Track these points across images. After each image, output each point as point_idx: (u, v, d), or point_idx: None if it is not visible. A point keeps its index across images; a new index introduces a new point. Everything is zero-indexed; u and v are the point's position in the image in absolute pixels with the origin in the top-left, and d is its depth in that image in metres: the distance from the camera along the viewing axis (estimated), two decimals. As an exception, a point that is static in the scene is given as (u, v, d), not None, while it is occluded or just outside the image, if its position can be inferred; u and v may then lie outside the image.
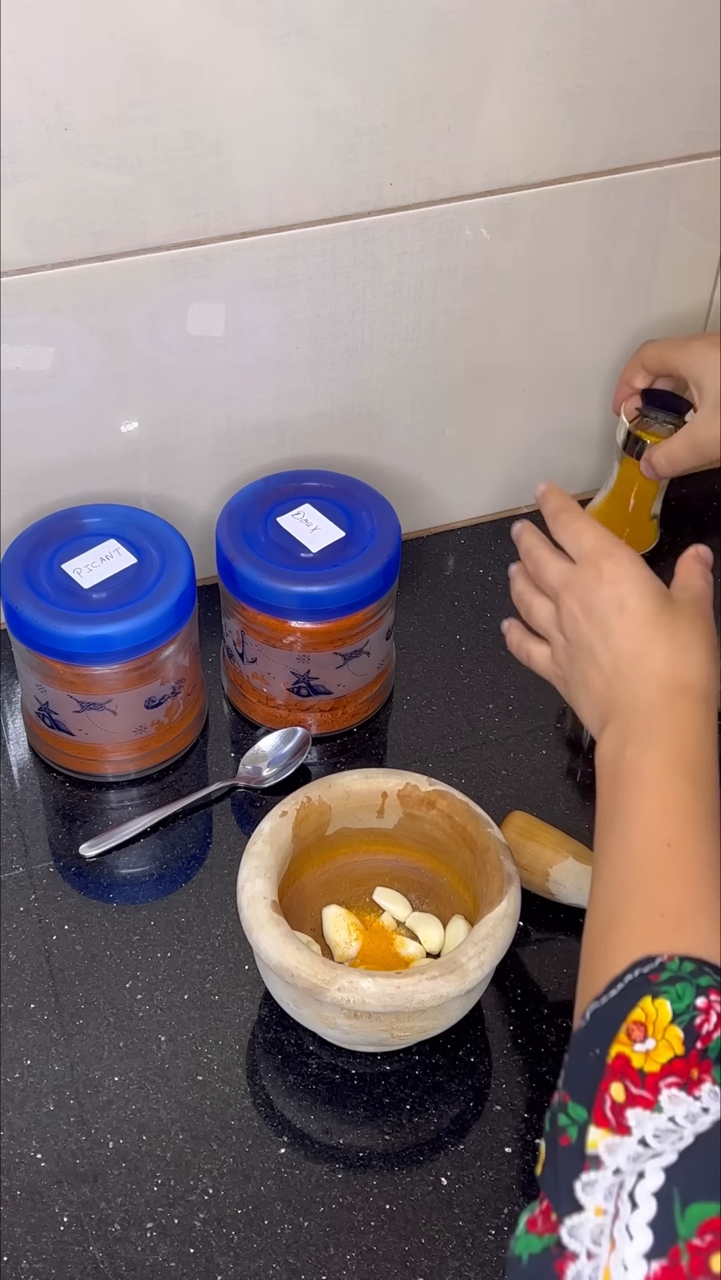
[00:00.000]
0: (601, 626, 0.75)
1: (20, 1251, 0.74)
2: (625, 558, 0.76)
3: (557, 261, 1.03)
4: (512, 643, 0.84)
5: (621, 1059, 0.58)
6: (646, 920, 0.63)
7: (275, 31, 0.84)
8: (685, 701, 0.71)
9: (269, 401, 1.02)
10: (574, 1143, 0.56)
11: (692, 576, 0.78)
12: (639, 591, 0.74)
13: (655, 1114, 0.55)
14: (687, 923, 0.62)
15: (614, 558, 0.76)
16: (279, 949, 0.75)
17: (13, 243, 0.87)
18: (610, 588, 0.75)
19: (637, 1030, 0.58)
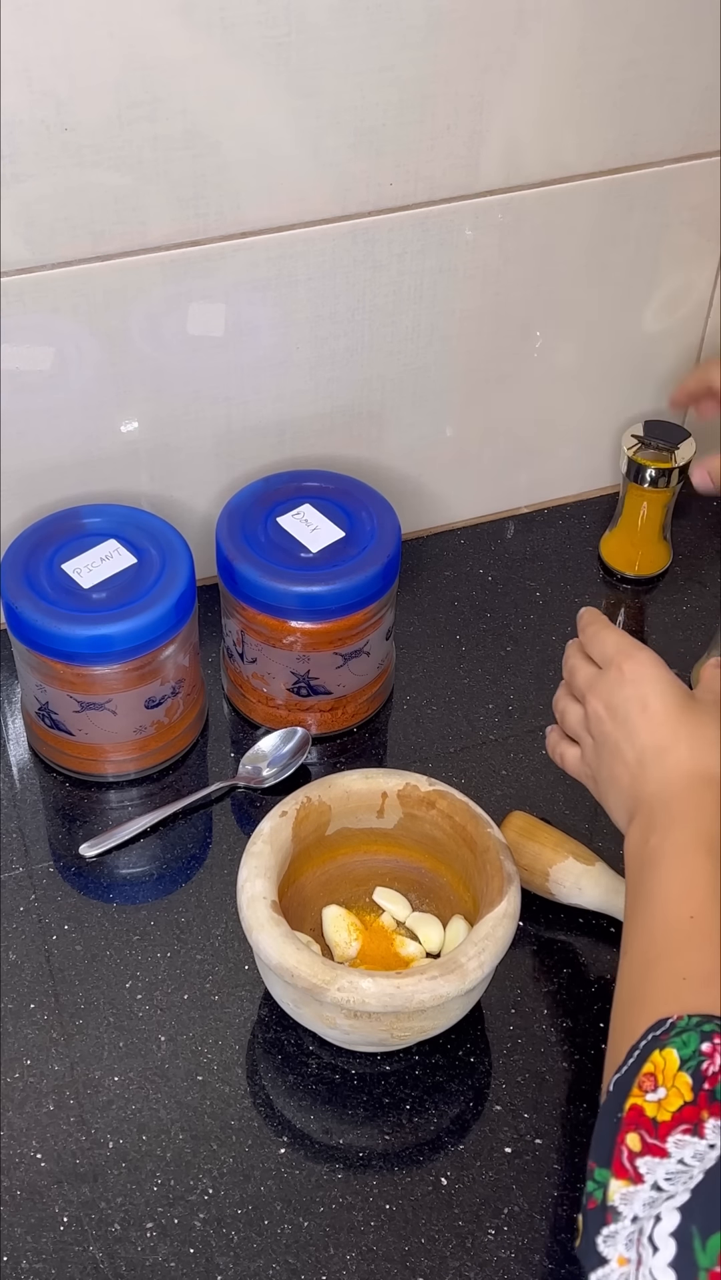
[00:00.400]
0: (625, 725, 0.77)
1: (20, 1251, 0.74)
2: (645, 660, 0.78)
3: (557, 261, 1.03)
4: (550, 745, 0.86)
5: (635, 1110, 0.59)
6: (669, 986, 0.65)
7: (275, 31, 0.84)
8: (707, 789, 0.73)
9: (269, 401, 1.02)
10: (599, 1202, 0.58)
11: (715, 682, 0.80)
12: (660, 690, 0.77)
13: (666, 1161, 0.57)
14: (711, 985, 0.63)
15: (634, 659, 0.78)
16: (279, 949, 0.75)
17: (13, 243, 0.87)
18: (632, 687, 0.77)
19: (648, 1081, 0.60)
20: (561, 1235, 0.75)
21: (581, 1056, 0.82)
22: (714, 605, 1.10)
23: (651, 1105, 0.59)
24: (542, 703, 1.02)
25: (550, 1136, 0.78)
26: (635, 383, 1.14)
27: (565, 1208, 0.75)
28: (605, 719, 0.78)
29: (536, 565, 1.14)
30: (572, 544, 1.16)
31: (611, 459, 1.17)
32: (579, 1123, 0.79)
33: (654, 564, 1.12)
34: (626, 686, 0.78)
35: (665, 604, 1.11)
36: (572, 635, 1.07)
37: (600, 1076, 0.81)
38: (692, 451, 1.07)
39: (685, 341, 1.13)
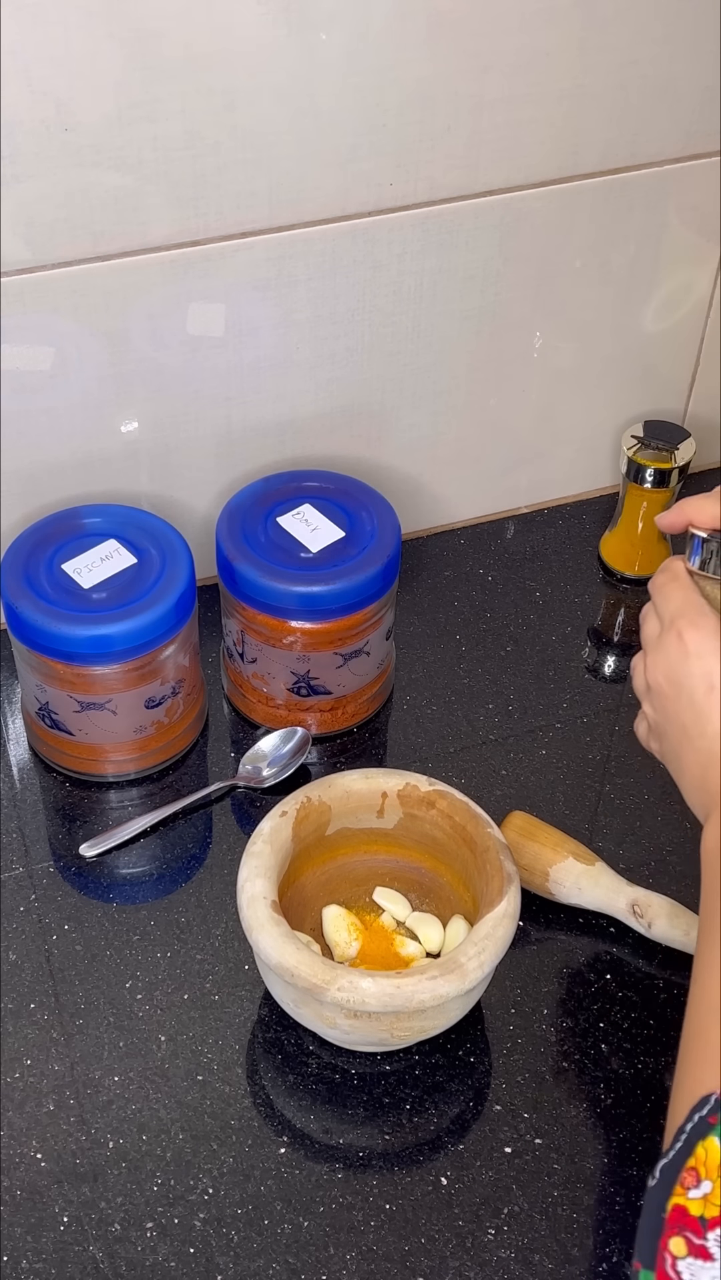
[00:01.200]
0: (692, 706, 0.71)
1: (20, 1251, 0.74)
2: (708, 629, 0.72)
3: (557, 261, 1.03)
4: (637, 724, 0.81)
5: (678, 1210, 0.56)
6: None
7: (275, 32, 0.84)
8: None
9: (269, 401, 1.02)
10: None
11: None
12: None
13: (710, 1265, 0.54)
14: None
15: (697, 628, 0.72)
16: (279, 949, 0.75)
17: (13, 243, 0.87)
18: (696, 662, 0.71)
19: (690, 1176, 0.56)
20: (561, 1235, 0.75)
21: (581, 1056, 0.82)
22: (714, 605, 1.10)
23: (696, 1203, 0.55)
24: (542, 702, 1.02)
25: (550, 1136, 0.78)
26: (635, 383, 1.14)
27: (565, 1208, 0.75)
28: (669, 695, 0.73)
29: (536, 565, 1.14)
30: (572, 544, 1.16)
31: (611, 459, 1.17)
32: (579, 1123, 0.79)
33: (654, 564, 1.12)
34: (690, 660, 0.71)
35: (665, 604, 1.11)
36: (573, 635, 1.07)
37: (600, 1076, 0.81)
38: (693, 451, 1.07)
39: (685, 341, 1.13)
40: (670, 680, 0.73)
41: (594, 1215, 0.75)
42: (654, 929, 0.86)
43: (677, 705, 0.72)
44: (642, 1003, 0.85)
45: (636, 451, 1.07)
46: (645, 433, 1.08)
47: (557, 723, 1.01)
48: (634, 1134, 0.79)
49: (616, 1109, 0.79)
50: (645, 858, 0.93)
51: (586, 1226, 0.75)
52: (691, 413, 1.18)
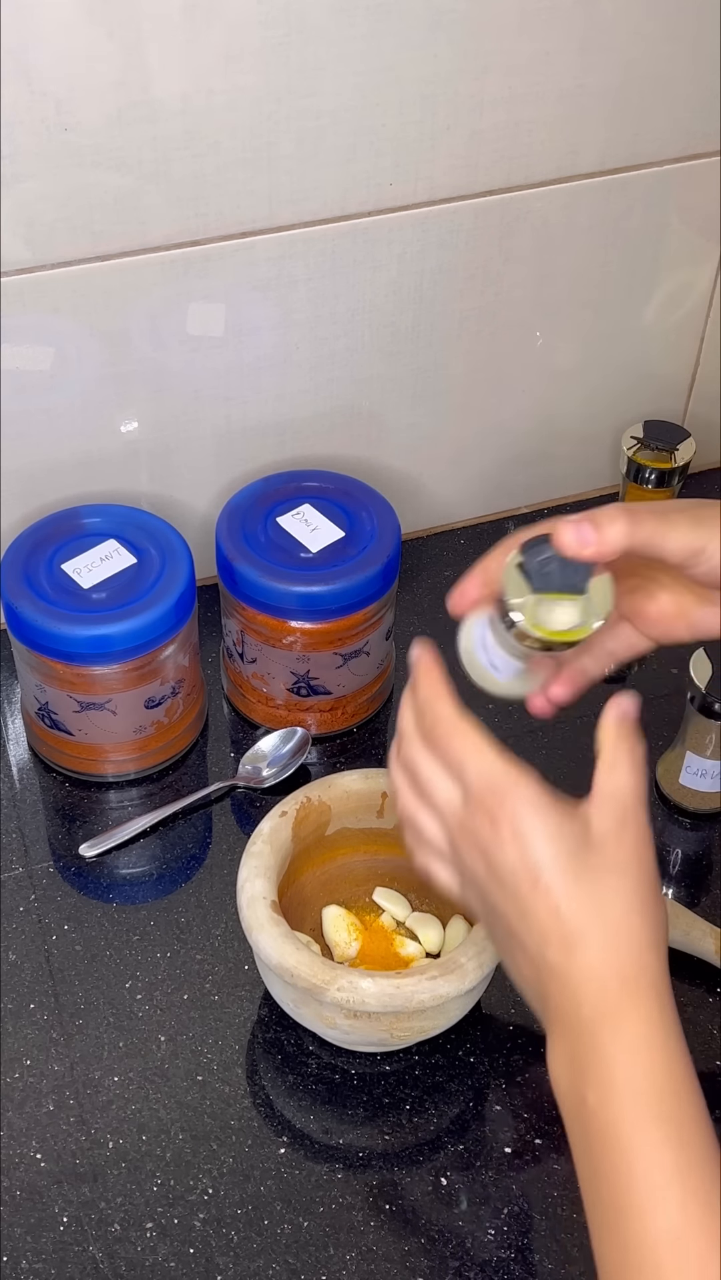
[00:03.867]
0: (515, 900, 0.61)
1: (20, 1251, 0.74)
2: (523, 803, 0.61)
3: (557, 261, 1.03)
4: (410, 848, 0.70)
5: None
6: None
7: (275, 31, 0.84)
8: (635, 1009, 0.58)
9: (269, 401, 1.02)
10: None
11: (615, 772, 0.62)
12: (552, 853, 0.60)
13: None
14: None
15: (509, 806, 0.61)
16: (279, 949, 0.75)
17: (13, 243, 0.87)
18: (515, 850, 0.60)
19: None
20: (561, 1235, 0.75)
21: (581, 1056, 0.82)
22: (714, 605, 1.10)
23: None
24: (542, 703, 1.02)
25: (550, 1136, 0.78)
26: (635, 383, 1.14)
27: (565, 1208, 0.75)
28: (488, 882, 0.62)
29: (536, 565, 1.13)
30: (572, 544, 1.15)
31: (611, 459, 1.17)
32: (579, 1123, 0.79)
33: None
34: (506, 847, 0.61)
35: (665, 604, 1.11)
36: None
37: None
38: (693, 451, 1.07)
39: (685, 341, 1.13)
40: (489, 866, 0.62)
41: (594, 1215, 0.75)
42: (654, 929, 0.86)
43: (501, 896, 0.62)
44: (642, 1003, 0.85)
45: (636, 451, 1.07)
46: (645, 433, 1.08)
47: (558, 723, 1.01)
48: (634, 1134, 0.78)
49: (616, 1109, 0.79)
50: (645, 858, 0.92)
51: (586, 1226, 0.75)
52: (691, 413, 1.18)
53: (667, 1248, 0.54)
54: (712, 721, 0.89)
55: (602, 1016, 0.58)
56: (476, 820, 0.62)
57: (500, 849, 0.61)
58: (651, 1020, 0.58)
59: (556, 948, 0.60)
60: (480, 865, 0.63)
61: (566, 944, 0.59)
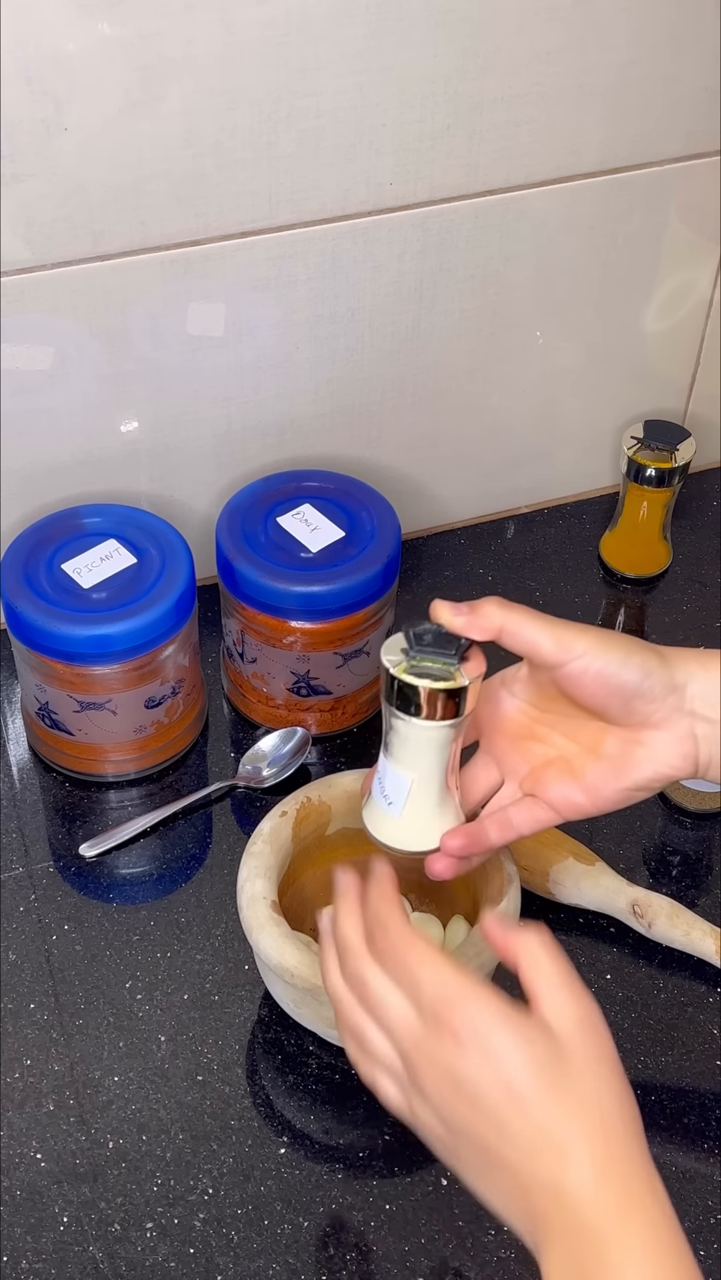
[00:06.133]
0: (490, 1116, 0.58)
1: (20, 1251, 0.74)
2: (486, 1016, 0.59)
3: (557, 261, 1.03)
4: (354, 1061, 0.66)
5: None
6: None
7: (275, 31, 0.84)
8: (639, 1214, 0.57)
9: (269, 401, 1.02)
10: None
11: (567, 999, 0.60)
12: (523, 1063, 0.58)
13: None
14: None
15: (471, 1021, 0.59)
16: (279, 949, 0.75)
17: (13, 243, 0.87)
18: (485, 1066, 0.58)
19: None
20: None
21: (581, 1056, 0.82)
22: (714, 605, 1.10)
23: None
24: (542, 703, 1.02)
25: (550, 1136, 0.78)
26: (635, 383, 1.14)
27: (565, 1208, 0.75)
28: (455, 1103, 0.59)
29: (536, 565, 1.14)
30: (572, 544, 1.16)
31: (611, 459, 1.17)
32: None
33: (654, 564, 1.12)
34: (475, 1064, 0.58)
35: (665, 604, 1.11)
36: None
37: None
38: (693, 451, 1.07)
39: (685, 341, 1.13)
40: (455, 1085, 0.59)
41: (594, 1215, 0.75)
42: (654, 929, 0.86)
43: (474, 1116, 0.59)
44: (642, 1003, 0.85)
45: (636, 451, 1.07)
46: (645, 433, 1.08)
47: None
48: (634, 1134, 0.78)
49: (616, 1109, 0.79)
50: (645, 858, 0.93)
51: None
52: (691, 413, 1.18)
53: None
54: (712, 721, 0.89)
55: (607, 1226, 0.56)
56: (437, 1038, 0.60)
57: (467, 1066, 0.59)
58: (655, 1224, 0.57)
59: (546, 1162, 0.57)
60: (444, 1086, 0.60)
61: (557, 1156, 0.57)
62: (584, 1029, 0.60)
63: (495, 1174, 0.59)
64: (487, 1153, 0.59)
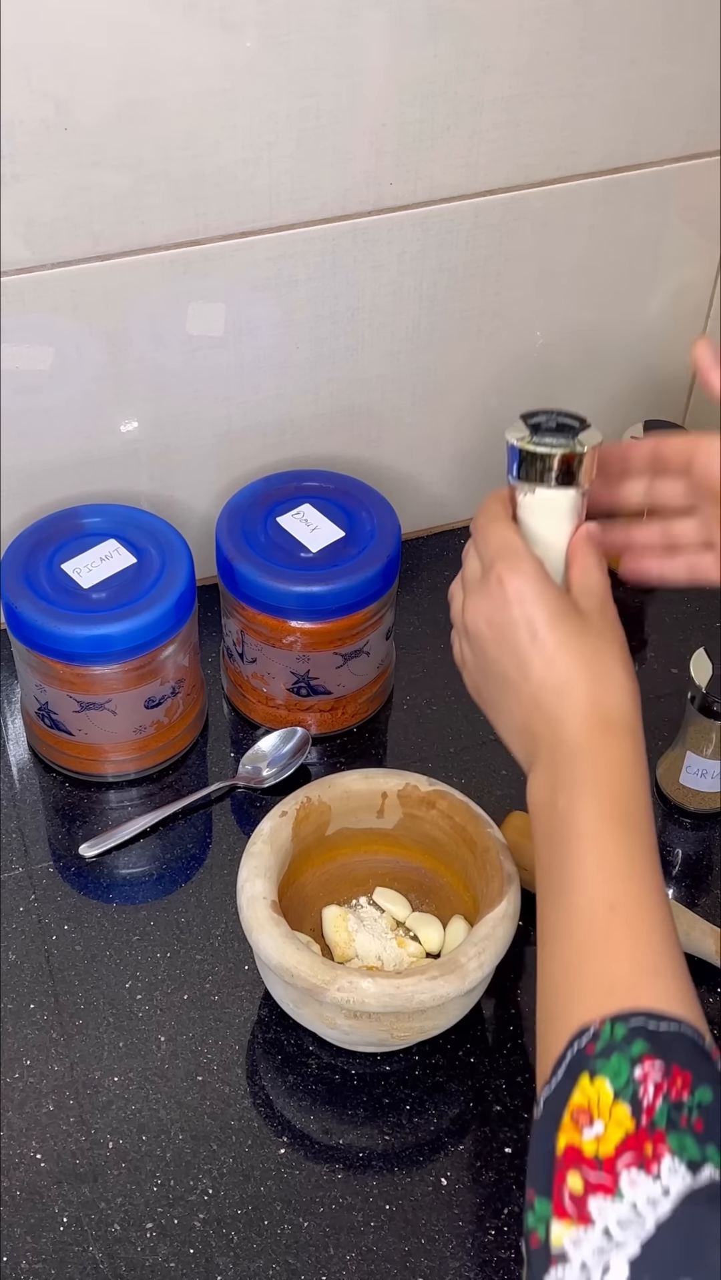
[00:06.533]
0: (514, 653, 0.70)
1: (20, 1251, 0.74)
2: (529, 571, 0.70)
3: (558, 261, 1.03)
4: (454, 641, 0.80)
5: (572, 1150, 0.56)
6: (595, 998, 0.60)
7: (275, 31, 0.84)
8: (612, 739, 0.67)
9: (269, 401, 1.02)
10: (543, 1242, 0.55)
11: (590, 573, 0.73)
12: (548, 614, 0.69)
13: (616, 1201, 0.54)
14: (638, 992, 0.59)
15: (518, 572, 0.71)
16: (279, 949, 0.75)
17: (13, 243, 0.87)
18: (517, 608, 0.70)
19: (583, 1116, 0.56)
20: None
21: (581, 1056, 0.82)
22: (714, 605, 1.10)
23: (590, 1144, 0.55)
24: (542, 703, 1.02)
25: (550, 1136, 0.78)
26: (635, 383, 1.14)
27: (565, 1208, 0.75)
28: (489, 640, 0.72)
29: (536, 565, 1.13)
30: (572, 544, 1.15)
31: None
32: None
33: None
34: (511, 607, 0.70)
35: (665, 604, 1.11)
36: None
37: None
38: None
39: (685, 341, 1.13)
40: (492, 625, 0.72)
41: (594, 1215, 0.75)
42: (654, 929, 0.86)
43: (500, 651, 0.71)
44: (642, 1003, 0.85)
45: None
46: (645, 433, 1.08)
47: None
48: (634, 1134, 0.79)
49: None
50: (645, 858, 0.93)
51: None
52: (691, 413, 1.18)
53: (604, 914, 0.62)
54: (713, 721, 0.89)
55: (584, 745, 0.67)
56: (484, 583, 0.72)
57: (505, 609, 0.71)
58: (625, 752, 0.67)
59: (549, 691, 0.68)
60: (481, 623, 0.72)
61: (558, 688, 0.68)
62: (604, 609, 0.72)
63: (508, 702, 0.71)
64: (506, 683, 0.71)
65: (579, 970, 0.62)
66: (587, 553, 0.73)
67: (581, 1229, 0.54)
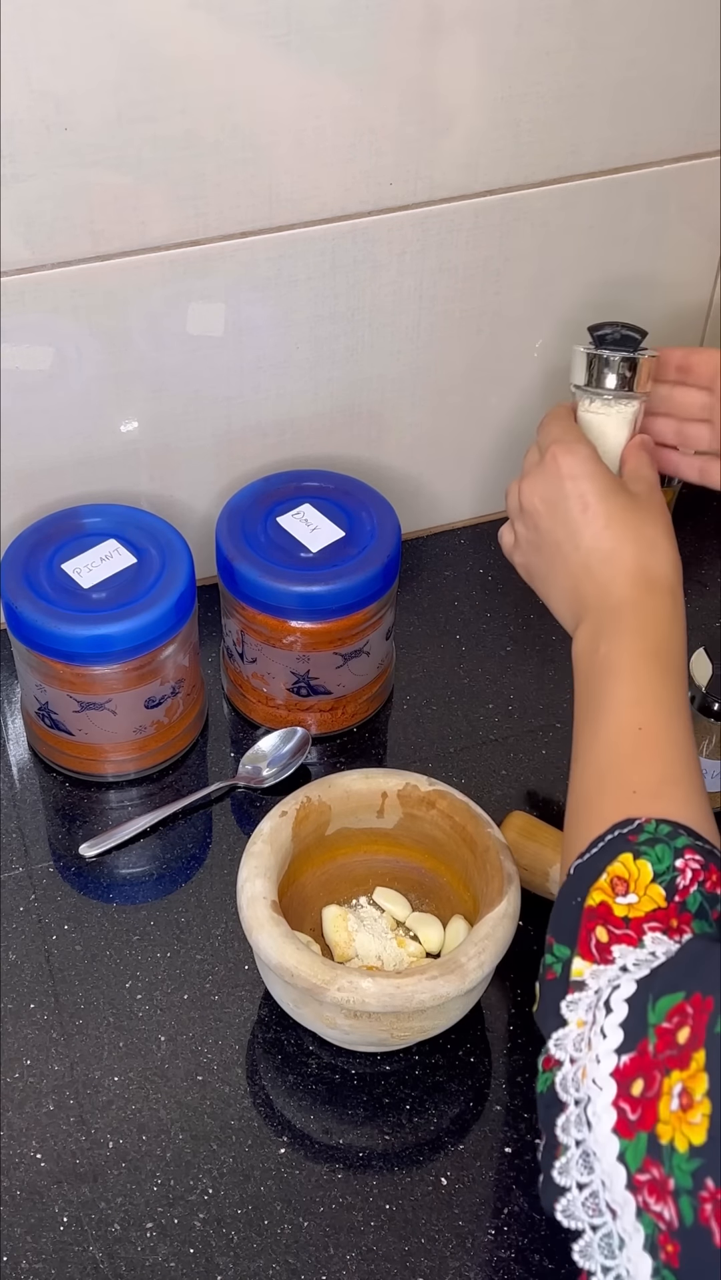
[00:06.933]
0: (566, 524, 0.77)
1: (20, 1251, 0.74)
2: (583, 453, 0.78)
3: (558, 261, 1.03)
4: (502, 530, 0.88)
5: (604, 906, 0.61)
6: (620, 798, 0.66)
7: (275, 31, 0.84)
8: (654, 595, 0.74)
9: (269, 401, 1.02)
10: (559, 975, 0.60)
11: (642, 466, 0.81)
12: (599, 489, 0.77)
13: (638, 950, 0.59)
14: (660, 796, 0.65)
15: (572, 453, 0.78)
16: (279, 949, 0.75)
17: (13, 243, 0.87)
18: (571, 483, 0.78)
19: (620, 885, 0.62)
20: (561, 1235, 0.75)
21: (581, 1056, 0.82)
22: (714, 605, 1.10)
23: (621, 907, 0.61)
24: (542, 702, 1.02)
25: (550, 1136, 0.78)
26: (635, 383, 1.14)
27: (565, 1208, 0.75)
28: (543, 514, 0.79)
29: (536, 565, 1.14)
30: (572, 544, 1.16)
31: (611, 459, 1.17)
32: (579, 1123, 0.79)
33: None
34: (565, 482, 0.78)
35: (665, 604, 1.11)
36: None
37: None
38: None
39: (685, 341, 1.13)
40: (546, 501, 0.79)
41: (594, 1215, 0.75)
42: (654, 929, 0.86)
43: (552, 523, 0.78)
44: (642, 1003, 0.85)
45: None
46: None
47: (557, 723, 1.01)
48: (634, 1134, 0.79)
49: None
50: (645, 858, 0.93)
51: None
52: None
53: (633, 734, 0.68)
54: (713, 721, 0.89)
55: (627, 598, 0.74)
56: (545, 467, 0.79)
57: (559, 484, 0.78)
58: (665, 608, 0.74)
59: (598, 558, 0.75)
60: (536, 500, 0.80)
61: (608, 555, 0.75)
62: (652, 492, 0.79)
63: (559, 570, 0.78)
64: (558, 552, 0.78)
65: (606, 777, 0.68)
66: (640, 453, 0.82)
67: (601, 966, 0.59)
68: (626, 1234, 0.52)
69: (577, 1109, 0.55)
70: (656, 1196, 0.50)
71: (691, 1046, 0.50)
